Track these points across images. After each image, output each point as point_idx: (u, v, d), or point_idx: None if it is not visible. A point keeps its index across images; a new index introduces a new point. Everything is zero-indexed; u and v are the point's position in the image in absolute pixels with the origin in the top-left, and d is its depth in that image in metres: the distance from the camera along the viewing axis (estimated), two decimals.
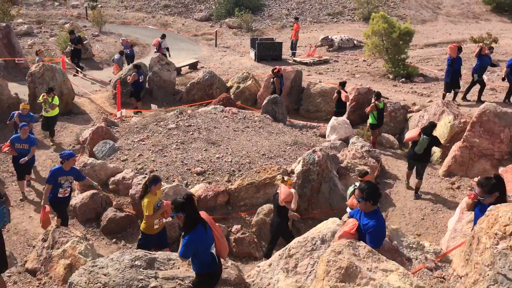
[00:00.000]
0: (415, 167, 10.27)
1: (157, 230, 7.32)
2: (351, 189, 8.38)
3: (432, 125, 9.86)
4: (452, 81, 13.66)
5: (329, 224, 6.04)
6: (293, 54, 20.91)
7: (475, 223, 4.81)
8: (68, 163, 8.21)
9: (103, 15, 25.83)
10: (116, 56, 18.69)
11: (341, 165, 10.52)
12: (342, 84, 13.46)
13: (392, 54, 17.33)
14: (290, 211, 7.95)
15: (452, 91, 13.89)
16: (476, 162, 11.00)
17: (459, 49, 13.64)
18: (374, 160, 11.05)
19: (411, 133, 10.20)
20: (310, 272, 5.56)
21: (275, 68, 14.63)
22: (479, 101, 13.61)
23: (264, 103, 13.59)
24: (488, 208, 3.87)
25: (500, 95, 14.37)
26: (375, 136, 12.48)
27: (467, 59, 18.79)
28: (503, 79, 13.61)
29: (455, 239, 6.50)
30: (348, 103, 13.59)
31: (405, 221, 9.69)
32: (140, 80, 15.09)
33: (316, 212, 9.38)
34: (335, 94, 13.34)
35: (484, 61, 13.62)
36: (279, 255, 6.03)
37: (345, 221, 5.38)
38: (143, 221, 7.23)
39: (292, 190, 8.00)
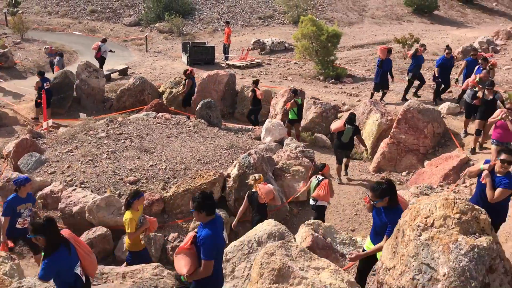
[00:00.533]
0: (343, 158, 11.20)
1: (144, 245, 7.10)
2: (314, 181, 8.93)
3: (353, 115, 11.01)
4: (381, 81, 14.03)
5: (264, 226, 6.07)
6: (226, 58, 20.94)
7: (373, 225, 5.35)
8: (25, 189, 7.36)
9: (25, 22, 24.52)
10: (57, 59, 17.96)
11: (277, 166, 10.64)
12: (256, 82, 14.22)
13: (321, 56, 17.79)
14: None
15: (381, 91, 14.34)
16: (404, 157, 11.54)
17: (389, 51, 13.98)
18: (308, 160, 11.27)
19: (337, 124, 11.09)
20: (247, 276, 5.56)
21: (187, 70, 14.85)
22: (416, 95, 14.41)
23: (198, 107, 13.48)
24: (410, 202, 4.06)
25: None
26: (298, 130, 13.27)
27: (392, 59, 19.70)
28: (435, 79, 13.93)
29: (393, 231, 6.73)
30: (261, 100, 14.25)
31: (339, 218, 9.97)
32: (46, 87, 14.43)
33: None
34: (250, 93, 14.11)
35: (419, 61, 14.02)
36: None
37: None
38: (128, 240, 6.90)
39: (270, 186, 8.31)
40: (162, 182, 9.72)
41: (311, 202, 9.05)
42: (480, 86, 10.72)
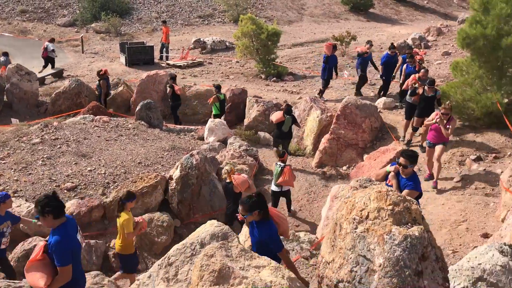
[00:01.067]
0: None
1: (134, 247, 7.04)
2: (277, 168, 9.41)
3: (290, 106, 11.72)
4: (328, 78, 14.18)
5: (207, 227, 5.99)
6: (162, 58, 20.59)
7: (251, 242, 5.25)
8: (5, 206, 6.75)
9: None
10: (2, 58, 17.18)
11: (220, 166, 10.58)
12: (173, 78, 14.29)
13: (262, 55, 17.91)
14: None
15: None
16: (344, 151, 11.81)
17: (334, 47, 14.12)
18: (252, 158, 11.30)
19: (277, 115, 11.51)
20: (191, 279, 5.48)
21: (101, 70, 14.65)
22: (359, 94, 14.51)
23: (137, 109, 13.17)
24: (346, 196, 4.14)
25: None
26: None
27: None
28: (381, 77, 14.18)
29: (328, 227, 6.86)
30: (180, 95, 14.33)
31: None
32: None
33: (198, 216, 9.31)
34: (168, 89, 14.08)
35: (365, 57, 14.21)
36: (159, 265, 5.84)
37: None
38: (120, 242, 6.81)
39: (245, 176, 8.63)
40: (102, 187, 9.42)
41: (276, 189, 9.54)
42: (420, 83, 10.85)
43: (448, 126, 8.88)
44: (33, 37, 25.41)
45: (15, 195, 9.01)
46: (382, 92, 14.29)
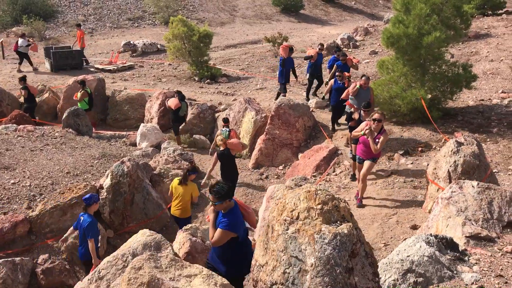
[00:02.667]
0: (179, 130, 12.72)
1: None
2: (225, 132, 10.35)
3: (181, 92, 12.85)
4: (286, 81, 13.56)
5: (139, 237, 5.78)
6: (85, 62, 19.71)
7: None
8: (93, 208, 7.14)
9: None
10: None
11: (154, 172, 10.32)
12: (24, 79, 14.07)
13: (194, 57, 17.70)
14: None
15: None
16: (279, 151, 11.91)
17: (291, 50, 13.57)
18: (187, 163, 11.11)
19: (174, 101, 12.44)
20: None
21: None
22: (315, 96, 14.28)
23: (64, 116, 12.56)
24: (277, 197, 4.12)
25: None
26: (93, 118, 14.10)
27: (264, 58, 20.32)
28: (326, 83, 13.30)
29: (264, 228, 6.83)
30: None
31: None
32: None
33: (133, 225, 9.01)
34: (23, 91, 13.72)
35: (316, 60, 13.56)
36: (89, 279, 5.55)
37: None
38: (181, 207, 8.57)
39: (236, 139, 10.27)
40: (27, 201, 8.86)
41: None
42: (355, 106, 9.82)
43: (377, 140, 7.79)
44: None
45: None
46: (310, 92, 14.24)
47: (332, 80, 11.93)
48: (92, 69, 18.97)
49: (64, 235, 8.21)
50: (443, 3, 10.91)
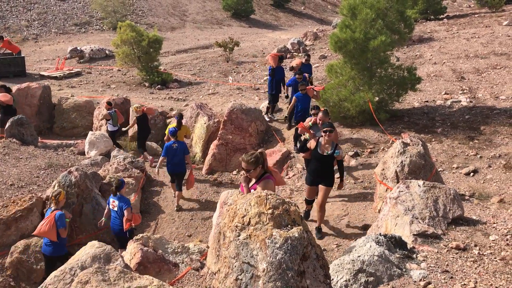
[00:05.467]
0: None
1: None
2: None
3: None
4: (276, 92, 12.78)
5: (87, 249, 5.59)
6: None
7: None
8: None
9: None
10: None
11: (103, 181, 10.02)
12: None
13: (144, 62, 17.42)
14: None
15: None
16: (233, 156, 11.87)
17: (280, 59, 12.93)
18: (138, 171, 10.88)
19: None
20: None
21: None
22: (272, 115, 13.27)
23: (7, 126, 11.97)
24: (229, 203, 4.09)
25: None
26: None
27: (216, 63, 20.28)
28: (287, 97, 12.86)
29: (216, 235, 6.78)
30: None
31: (175, 225, 9.82)
32: None
33: (82, 237, 8.71)
34: None
35: (303, 70, 12.37)
36: None
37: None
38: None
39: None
40: None
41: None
42: (313, 134, 8.31)
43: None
44: None
45: None
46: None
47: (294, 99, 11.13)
48: (36, 76, 18.25)
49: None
50: (387, 8, 11.27)
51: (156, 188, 11.00)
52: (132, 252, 5.92)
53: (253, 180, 5.35)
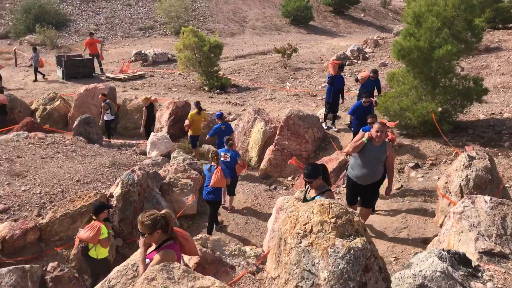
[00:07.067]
0: None
1: None
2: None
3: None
4: (334, 101, 12.42)
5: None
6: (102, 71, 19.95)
7: None
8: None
9: None
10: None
11: (164, 181, 10.32)
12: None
13: (205, 67, 17.82)
14: None
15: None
16: (288, 162, 11.88)
17: (341, 67, 12.36)
18: (196, 172, 11.12)
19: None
20: None
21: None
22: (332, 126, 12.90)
23: (75, 124, 12.65)
24: (289, 210, 4.12)
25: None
26: None
27: (274, 69, 20.40)
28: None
29: (274, 240, 6.81)
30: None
31: (230, 228, 9.95)
32: None
33: None
34: None
35: (367, 86, 12.02)
36: None
37: None
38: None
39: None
40: (37, 208, 8.90)
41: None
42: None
43: None
44: None
45: None
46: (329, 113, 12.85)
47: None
48: (103, 78, 19.13)
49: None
50: (454, 16, 10.91)
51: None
52: None
53: (153, 246, 4.39)
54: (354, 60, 20.03)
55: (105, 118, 13.69)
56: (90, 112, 13.97)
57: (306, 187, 5.95)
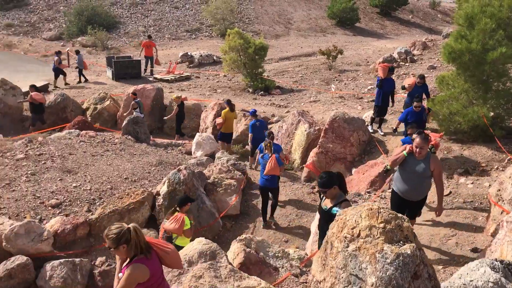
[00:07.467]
0: None
1: None
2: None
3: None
4: (383, 104, 12.21)
5: (195, 245, 5.89)
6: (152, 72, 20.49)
7: None
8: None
9: None
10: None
11: (208, 181, 10.47)
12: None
13: (249, 69, 17.94)
14: None
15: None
16: (332, 165, 11.77)
17: (391, 70, 12.14)
18: (240, 173, 11.21)
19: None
20: None
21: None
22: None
23: (124, 123, 13.04)
24: (337, 213, 4.09)
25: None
26: None
27: (318, 70, 20.28)
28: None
29: (317, 243, 6.76)
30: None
31: (273, 230, 9.96)
32: None
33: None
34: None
35: (415, 93, 11.32)
36: None
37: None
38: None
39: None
40: (87, 204, 9.23)
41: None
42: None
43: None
44: (19, 51, 25.19)
45: None
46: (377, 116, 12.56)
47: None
48: (150, 79, 19.61)
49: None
50: (509, 17, 10.50)
51: (255, 192, 11.24)
52: (235, 252, 6.11)
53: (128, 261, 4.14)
54: (401, 63, 19.62)
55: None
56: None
57: (321, 196, 5.55)
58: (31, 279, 7.98)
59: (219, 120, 12.92)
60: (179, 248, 7.40)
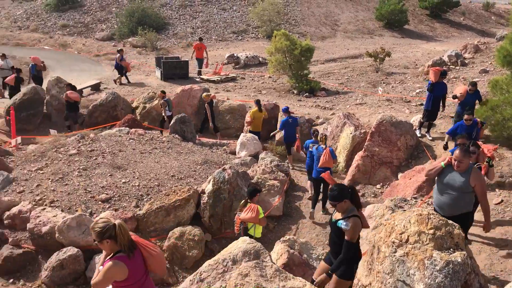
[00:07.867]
0: None
1: None
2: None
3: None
4: (433, 108, 11.90)
5: (239, 244, 5.95)
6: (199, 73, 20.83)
7: None
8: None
9: None
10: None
11: (252, 181, 10.56)
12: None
13: (295, 70, 17.92)
14: None
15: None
16: (378, 169, 11.59)
17: (443, 74, 11.81)
18: (283, 174, 11.24)
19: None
20: None
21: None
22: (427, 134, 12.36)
23: (172, 122, 13.34)
24: (385, 218, 4.05)
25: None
26: None
27: (365, 73, 20.00)
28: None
29: (362, 247, 6.71)
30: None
31: (315, 232, 9.92)
32: None
33: (230, 231, 9.28)
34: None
35: (466, 102, 10.88)
36: (190, 280, 5.83)
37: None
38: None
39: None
40: (135, 200, 9.52)
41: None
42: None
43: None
44: (73, 51, 26.23)
45: (51, 205, 9.21)
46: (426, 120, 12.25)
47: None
48: (197, 79, 19.96)
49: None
50: None
51: (299, 193, 11.25)
52: (279, 253, 6.15)
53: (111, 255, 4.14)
54: (451, 66, 19.05)
55: (166, 114, 14.47)
56: (186, 112, 14.65)
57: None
58: (81, 270, 8.32)
59: (247, 119, 13.39)
60: (258, 240, 7.53)
